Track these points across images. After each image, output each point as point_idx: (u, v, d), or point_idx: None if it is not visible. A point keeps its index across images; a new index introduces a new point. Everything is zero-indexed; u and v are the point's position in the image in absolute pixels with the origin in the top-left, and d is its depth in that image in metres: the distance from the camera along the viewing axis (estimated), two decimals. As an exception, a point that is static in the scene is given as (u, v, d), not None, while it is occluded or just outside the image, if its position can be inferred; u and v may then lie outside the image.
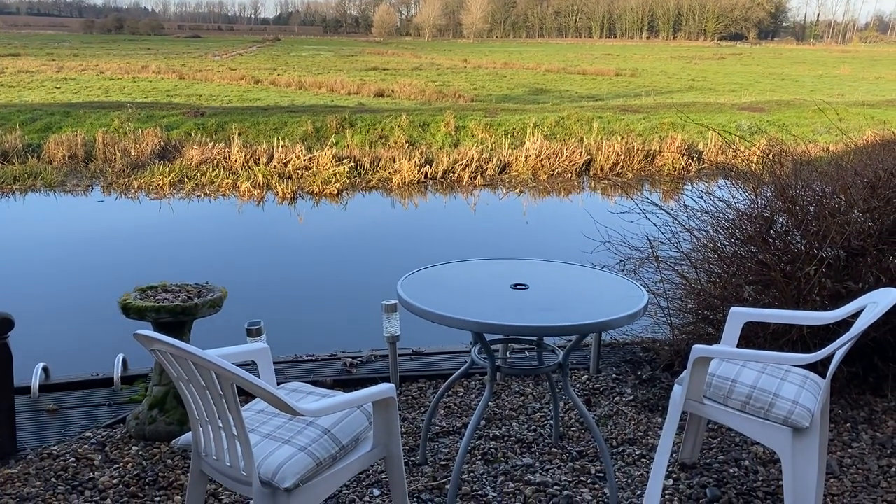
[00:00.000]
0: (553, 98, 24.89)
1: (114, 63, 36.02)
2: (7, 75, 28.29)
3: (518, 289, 2.84)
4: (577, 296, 2.83)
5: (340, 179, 12.18)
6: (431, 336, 4.25)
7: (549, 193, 12.45)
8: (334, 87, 25.88)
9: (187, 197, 11.30)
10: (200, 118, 15.60)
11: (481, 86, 29.49)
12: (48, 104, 17.65)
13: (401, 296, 2.73)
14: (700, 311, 3.97)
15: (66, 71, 31.15)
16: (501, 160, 13.70)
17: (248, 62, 41.46)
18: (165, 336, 2.08)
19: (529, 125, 15.78)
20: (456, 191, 12.33)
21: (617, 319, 2.58)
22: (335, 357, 4.19)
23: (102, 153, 13.18)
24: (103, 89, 23.94)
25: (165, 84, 26.46)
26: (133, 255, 8.56)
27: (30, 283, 7.49)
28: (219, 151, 13.11)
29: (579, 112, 17.50)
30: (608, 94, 26.54)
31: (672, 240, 4.17)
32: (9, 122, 14.57)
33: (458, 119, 16.06)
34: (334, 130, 15.11)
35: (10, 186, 11.52)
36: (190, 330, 3.47)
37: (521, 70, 40.99)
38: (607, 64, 46.56)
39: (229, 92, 24.04)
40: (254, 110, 17.06)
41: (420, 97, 23.61)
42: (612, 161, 13.92)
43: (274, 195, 11.45)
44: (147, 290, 3.50)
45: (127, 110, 15.71)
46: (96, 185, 11.86)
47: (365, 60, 45.88)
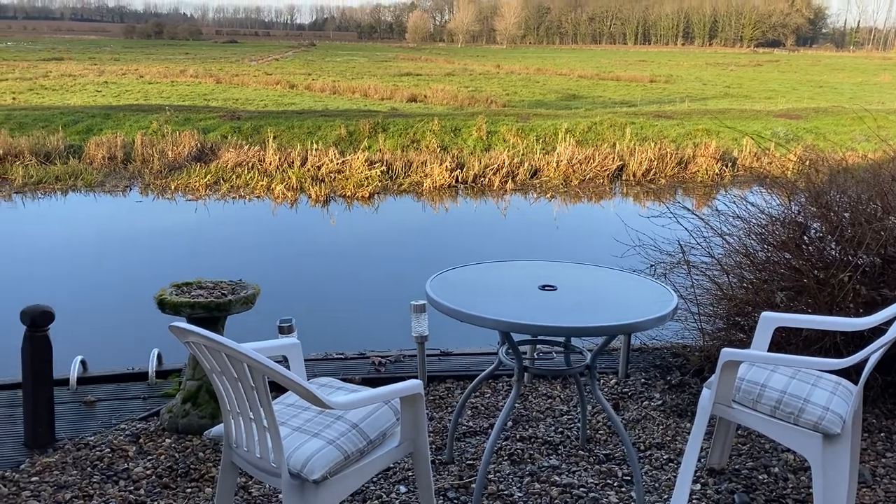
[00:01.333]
0: (586, 104, 24.78)
1: (153, 67, 36.74)
2: (51, 79, 29.01)
3: (546, 290, 2.85)
4: (606, 298, 2.83)
5: (372, 183, 12.28)
6: (459, 337, 4.28)
7: (580, 199, 12.41)
8: (368, 92, 26.07)
9: (223, 198, 11.48)
10: (236, 121, 15.84)
11: (514, 91, 29.49)
12: (89, 107, 18.05)
13: (429, 295, 2.75)
14: (731, 317, 3.94)
15: (107, 75, 31.86)
16: (533, 165, 13.69)
17: (283, 67, 41.98)
18: (199, 328, 2.13)
19: (561, 130, 15.75)
20: (486, 195, 12.35)
21: (645, 322, 2.58)
22: (364, 356, 4.24)
23: (141, 155, 13.46)
24: (143, 93, 24.43)
25: (203, 88, 26.91)
26: (169, 254, 8.73)
27: (70, 279, 7.68)
28: (254, 154, 13.31)
29: (612, 118, 17.41)
30: (642, 101, 26.36)
31: (703, 245, 4.14)
32: (52, 123, 14.94)
33: (489, 124, 16.08)
34: (367, 135, 15.23)
35: (53, 186, 11.82)
36: (224, 326, 3.54)
37: (554, 76, 40.89)
38: (641, 70, 46.23)
39: (265, 96, 24.36)
40: (288, 114, 17.28)
41: (452, 102, 23.68)
42: (644, 167, 13.82)
43: (307, 198, 11.58)
44: (182, 286, 3.57)
45: (165, 113, 16.01)
46: (134, 186, 12.11)
47: (398, 66, 46.16)
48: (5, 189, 11.54)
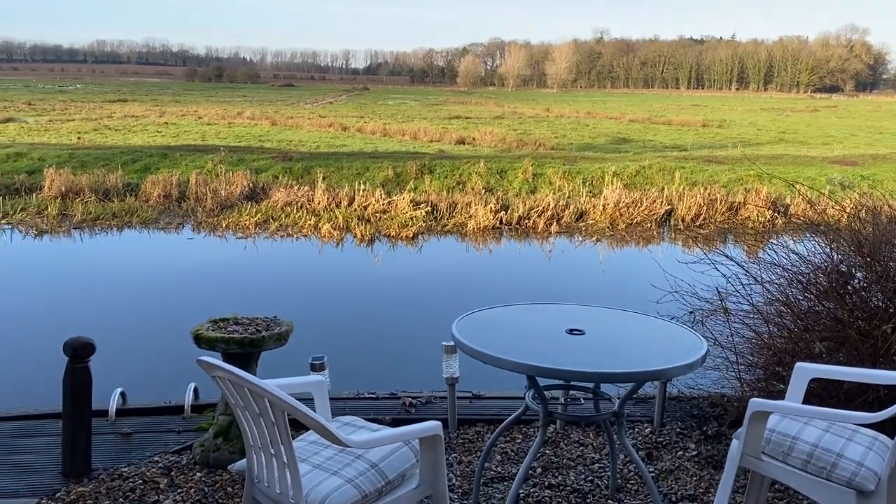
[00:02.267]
0: (636, 148, 24.68)
1: (212, 109, 38.04)
2: (114, 119, 30.26)
3: (574, 334, 2.83)
4: (634, 343, 2.79)
5: (417, 223, 12.39)
6: (491, 380, 4.25)
7: (626, 243, 12.29)
8: (417, 134, 26.47)
9: (271, 237, 11.73)
10: (288, 162, 16.23)
11: (562, 134, 29.57)
12: (148, 147, 18.76)
13: (455, 335, 2.76)
14: (771, 367, 3.83)
15: (167, 116, 33.09)
16: (578, 208, 13.64)
17: (337, 110, 42.98)
18: (224, 363, 2.18)
19: (609, 173, 15.69)
20: (531, 237, 12.33)
21: (674, 369, 2.54)
22: (395, 396, 4.24)
23: (195, 193, 13.87)
24: (200, 133, 25.27)
25: (258, 129, 27.70)
26: (215, 289, 8.93)
27: (118, 312, 7.91)
28: (303, 194, 13.59)
29: (661, 162, 17.29)
30: (693, 145, 26.12)
31: (743, 292, 4.05)
32: (112, 162, 15.55)
33: (536, 166, 16.14)
34: (413, 176, 15.43)
35: (109, 222, 12.25)
36: (257, 362, 3.59)
37: (604, 119, 40.89)
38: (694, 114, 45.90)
39: (317, 138, 24.94)
40: (339, 155, 17.64)
41: (500, 145, 23.86)
42: (693, 212, 13.65)
43: (353, 237, 11.75)
44: (219, 321, 3.65)
45: (220, 153, 16.51)
46: (187, 224, 12.47)
47: (448, 109, 46.81)
48: (65, 224, 12.01)
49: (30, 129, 24.95)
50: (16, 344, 6.86)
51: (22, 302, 8.23)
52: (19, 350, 6.67)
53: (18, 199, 13.26)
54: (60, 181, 13.73)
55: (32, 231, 11.57)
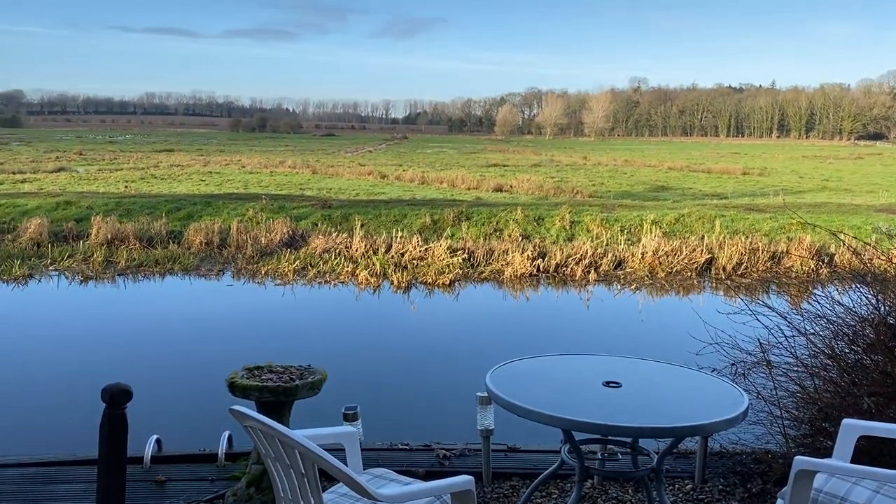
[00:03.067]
0: (674, 195, 24.51)
1: (254, 158, 38.96)
2: (161, 168, 31.16)
3: (611, 386, 2.77)
4: (673, 396, 2.72)
5: (453, 270, 12.40)
6: (527, 432, 4.17)
7: (666, 292, 12.11)
8: (455, 182, 26.70)
9: (309, 283, 11.83)
10: (327, 210, 16.47)
11: (600, 182, 29.54)
12: (192, 195, 19.22)
13: (488, 386, 2.72)
14: (817, 423, 3.69)
15: (211, 165, 33.98)
16: (617, 256, 13.52)
17: (376, 158, 43.67)
18: (255, 413, 2.18)
19: (647, 221, 15.56)
20: (569, 285, 12.23)
21: (715, 424, 2.46)
22: (429, 448, 4.18)
23: (236, 241, 14.11)
24: (243, 182, 25.84)
25: (299, 178, 28.25)
26: (253, 336, 8.99)
27: (156, 357, 8.00)
28: (341, 241, 13.74)
29: (701, 210, 17.11)
30: (733, 193, 25.85)
31: (786, 344, 3.93)
32: (157, 210, 15.95)
33: (573, 214, 16.10)
34: (451, 223, 15.50)
35: (152, 269, 12.50)
36: (290, 410, 3.58)
37: (642, 167, 40.78)
38: (734, 162, 45.55)
39: (357, 186, 25.32)
40: (377, 203, 17.84)
41: (538, 192, 23.91)
42: (735, 261, 13.42)
43: (390, 284, 11.78)
44: (254, 369, 3.66)
45: (261, 201, 16.83)
46: (227, 270, 12.66)
47: (486, 157, 47.22)
48: (110, 271, 12.29)
49: (80, 179, 25.82)
50: (56, 388, 6.97)
51: (64, 346, 8.39)
52: (59, 394, 6.78)
53: (66, 245, 13.64)
54: (107, 229, 14.10)
55: (78, 277, 11.86)
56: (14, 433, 5.87)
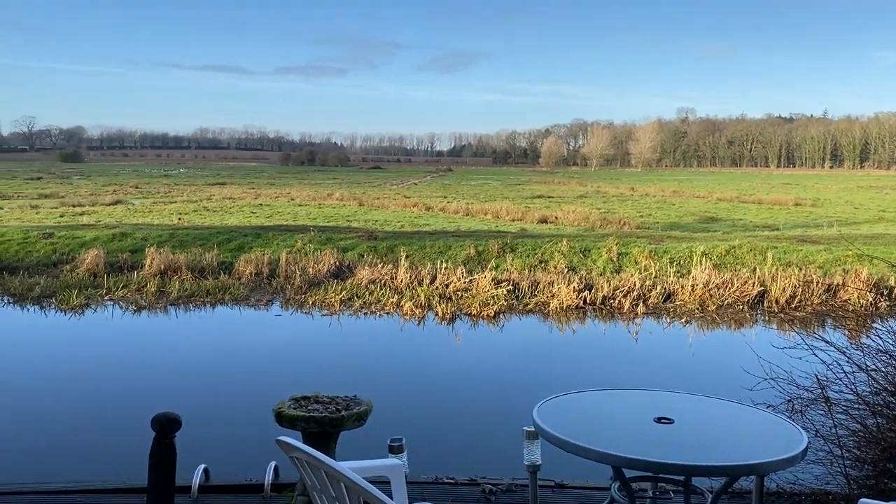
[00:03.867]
0: (724, 227, 24.08)
1: (304, 191, 39.69)
2: (214, 201, 31.95)
3: (662, 422, 2.70)
4: (728, 434, 2.63)
5: (498, 302, 12.33)
6: (575, 467, 4.08)
7: (717, 325, 11.83)
8: (499, 213, 26.71)
9: (355, 314, 11.90)
10: (373, 241, 16.61)
11: (648, 213, 29.22)
12: (243, 227, 19.62)
13: (536, 421, 2.68)
14: (881, 463, 3.53)
15: (262, 198, 34.71)
16: (666, 288, 13.28)
17: (421, 190, 44.06)
18: (302, 444, 2.18)
19: (697, 253, 15.28)
20: (616, 318, 12.05)
21: (771, 463, 2.37)
22: (475, 482, 4.12)
23: (284, 271, 14.31)
24: (292, 214, 26.30)
25: (346, 210, 28.63)
26: (300, 366, 9.06)
27: (204, 386, 8.11)
28: (387, 272, 13.81)
29: (752, 241, 16.75)
30: (785, 224, 25.28)
31: (846, 380, 3.79)
32: (209, 241, 16.30)
33: (620, 245, 15.91)
34: (495, 254, 15.46)
35: (203, 299, 12.74)
36: (336, 441, 3.58)
37: (690, 198, 40.25)
38: (786, 193, 44.66)
39: (402, 217, 25.53)
40: (422, 234, 17.93)
41: (583, 224, 23.75)
42: (788, 294, 13.05)
43: (434, 315, 11.78)
44: (301, 399, 3.68)
45: (309, 233, 17.07)
46: (276, 300, 12.82)
47: (531, 189, 47.22)
48: (162, 301, 12.56)
49: (135, 211, 26.62)
50: (108, 415, 7.11)
51: (117, 374, 8.57)
52: (111, 421, 6.91)
53: (121, 276, 14.00)
54: (160, 260, 14.45)
55: (132, 307, 12.14)
56: (66, 460, 5.99)
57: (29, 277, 13.87)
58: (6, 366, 8.98)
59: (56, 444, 6.38)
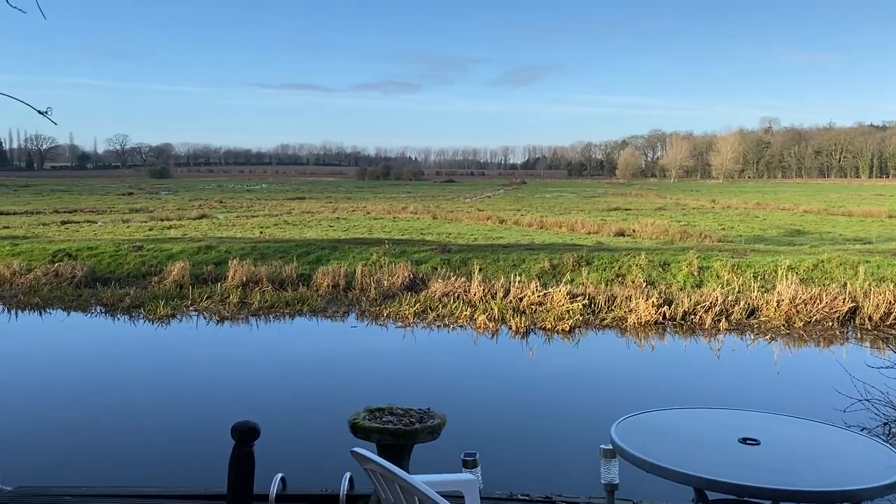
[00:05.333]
0: (811, 240, 23.08)
1: (379, 205, 40.28)
2: (293, 215, 32.79)
3: (748, 444, 2.58)
4: (818, 457, 2.50)
5: (573, 316, 12.15)
6: (654, 489, 3.95)
7: (804, 343, 11.33)
8: (574, 226, 26.39)
9: (428, 326, 11.95)
10: (447, 254, 16.67)
11: (730, 226, 28.31)
12: (321, 240, 20.02)
13: (614, 440, 2.61)
14: None
15: (339, 211, 35.42)
16: (749, 304, 12.81)
17: (494, 203, 44.03)
18: (376, 456, 2.18)
19: (783, 267, 14.69)
20: (697, 334, 11.69)
21: (868, 490, 2.23)
22: (550, 500, 4.04)
23: (360, 284, 14.51)
24: (367, 227, 26.71)
25: (420, 223, 28.88)
26: (375, 377, 9.15)
27: (282, 395, 8.28)
28: (460, 285, 13.82)
29: (842, 255, 15.98)
30: (878, 237, 24.03)
31: (950, 403, 3.55)
32: (288, 254, 16.71)
33: (701, 259, 15.45)
34: (570, 268, 15.27)
35: (282, 311, 13.05)
36: (410, 453, 3.58)
37: (775, 210, 38.83)
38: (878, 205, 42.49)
39: (475, 230, 25.55)
40: (495, 248, 17.89)
41: (662, 237, 23.20)
42: (882, 310, 12.38)
43: (508, 328, 11.70)
44: (375, 411, 3.70)
45: (384, 246, 17.28)
46: (352, 312, 13.01)
47: (607, 201, 46.51)
48: (244, 312, 12.94)
49: (219, 225, 27.59)
50: (191, 422, 7.34)
51: (199, 382, 8.86)
52: (193, 428, 7.13)
53: (206, 287, 14.51)
54: (242, 272, 14.90)
55: (215, 317, 12.55)
56: (151, 465, 6.21)
57: (120, 288, 14.54)
58: (98, 373, 9.42)
59: (142, 448, 6.63)
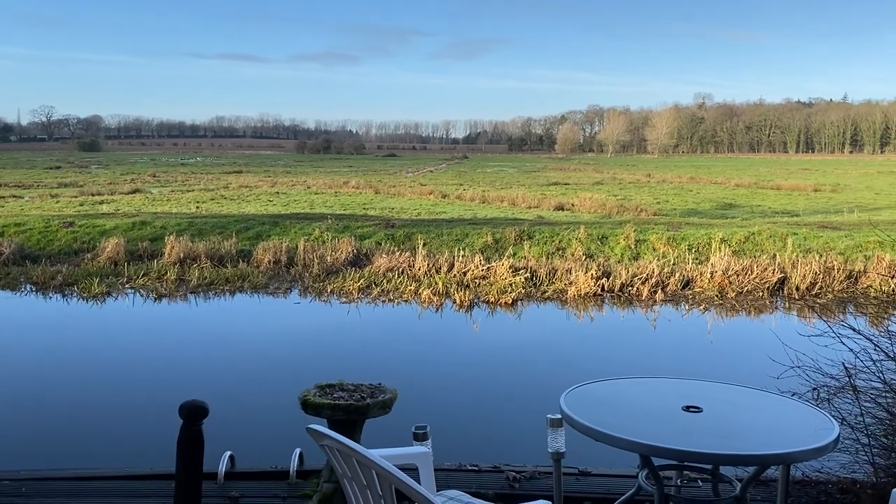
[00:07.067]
0: (743, 213, 23.89)
1: (320, 179, 39.76)
2: (231, 189, 32.09)
3: (691, 411, 2.69)
4: (757, 423, 2.62)
5: (516, 289, 12.32)
6: (600, 455, 4.08)
7: (737, 312, 11.76)
8: (516, 200, 26.63)
9: (373, 302, 11.94)
10: (391, 229, 16.63)
11: (665, 200, 29.03)
12: (261, 215, 19.70)
13: (563, 409, 2.68)
14: (910, 452, 3.50)
15: (278, 186, 34.81)
16: (684, 275, 13.21)
17: (437, 178, 44.00)
18: (333, 432, 2.19)
19: (716, 240, 15.18)
20: (634, 305, 12.01)
21: (802, 452, 2.35)
22: (498, 469, 4.13)
23: (302, 259, 14.36)
24: (308, 202, 26.38)
25: (363, 198, 28.66)
26: (320, 354, 9.11)
27: (226, 374, 8.17)
28: (404, 260, 13.83)
29: (772, 228, 16.60)
30: (805, 210, 25.04)
31: (873, 368, 3.75)
32: (227, 230, 16.39)
33: (638, 232, 15.83)
34: (513, 242, 15.44)
35: (222, 287, 12.82)
36: (362, 428, 3.60)
37: (708, 184, 39.95)
38: (805, 179, 44.20)
39: (418, 205, 25.52)
40: (439, 222, 17.93)
41: (600, 211, 23.64)
42: (808, 280, 12.94)
43: (452, 303, 11.79)
44: (326, 387, 3.70)
45: (327, 221, 17.11)
46: (294, 288, 12.88)
47: (547, 176, 47.02)
48: (182, 289, 12.66)
49: (154, 200, 26.80)
50: (131, 403, 7.18)
51: (140, 361, 8.65)
52: (135, 409, 6.98)
53: (141, 264, 14.12)
54: (179, 248, 14.55)
55: (152, 295, 12.25)
56: (95, 447, 6.07)
57: (51, 266, 14.03)
58: (31, 354, 9.10)
59: (84, 431, 6.47)
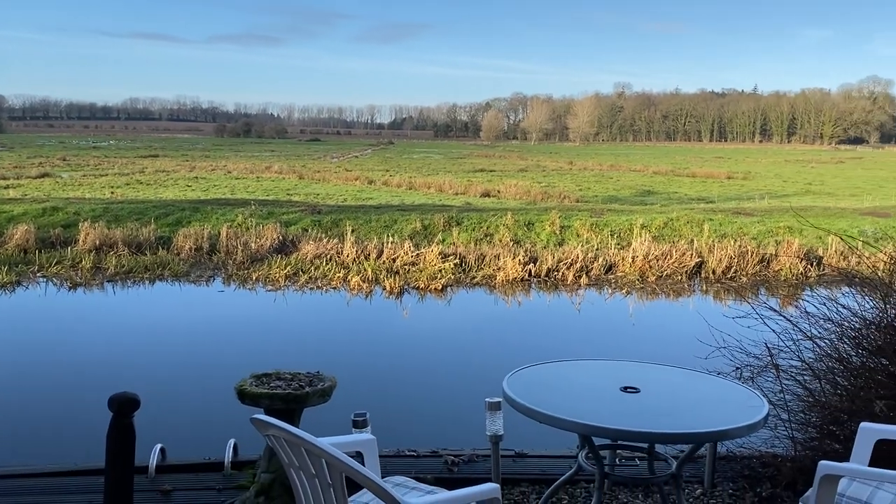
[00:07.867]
0: (661, 199, 24.66)
1: (240, 164, 38.77)
2: (146, 174, 30.92)
3: (629, 392, 2.76)
4: (692, 402, 2.72)
5: (445, 275, 12.38)
6: (536, 437, 4.16)
7: (657, 295, 12.16)
8: (442, 187, 26.69)
9: (301, 289, 11.77)
10: (317, 215, 16.40)
11: (587, 187, 29.67)
12: (180, 201, 19.07)
13: (506, 393, 2.71)
14: (825, 426, 3.71)
15: (197, 170, 33.77)
16: (607, 260, 13.56)
17: (363, 164, 43.60)
18: (280, 422, 2.15)
19: (636, 226, 15.63)
20: (560, 289, 12.25)
21: (735, 429, 2.46)
22: (437, 454, 4.16)
23: (225, 246, 14.01)
24: (230, 188, 25.70)
25: (286, 183, 28.13)
26: (249, 343, 8.92)
27: (153, 366, 7.91)
28: (332, 247, 13.68)
29: (689, 214, 17.22)
30: (719, 197, 26.06)
31: (792, 348, 3.95)
32: (144, 216, 15.81)
33: (563, 219, 16.14)
34: (441, 228, 15.49)
35: (142, 275, 12.38)
36: (300, 417, 3.55)
37: (627, 172, 41.03)
38: (718, 166, 45.94)
39: (344, 191, 25.25)
40: (366, 209, 17.80)
41: (525, 197, 23.96)
42: (724, 264, 13.50)
43: (381, 289, 11.75)
44: (262, 377, 3.62)
45: (250, 207, 16.73)
46: (218, 276, 12.56)
47: (473, 163, 47.27)
48: (99, 277, 12.16)
49: (65, 184, 25.55)
50: (51, 396, 6.87)
51: (55, 356, 8.27)
52: (55, 403, 6.68)
53: (54, 252, 13.47)
54: (95, 235, 13.95)
55: (67, 284, 11.72)
56: (14, 443, 5.78)
57: (-47, 254, 13.22)
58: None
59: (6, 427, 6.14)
